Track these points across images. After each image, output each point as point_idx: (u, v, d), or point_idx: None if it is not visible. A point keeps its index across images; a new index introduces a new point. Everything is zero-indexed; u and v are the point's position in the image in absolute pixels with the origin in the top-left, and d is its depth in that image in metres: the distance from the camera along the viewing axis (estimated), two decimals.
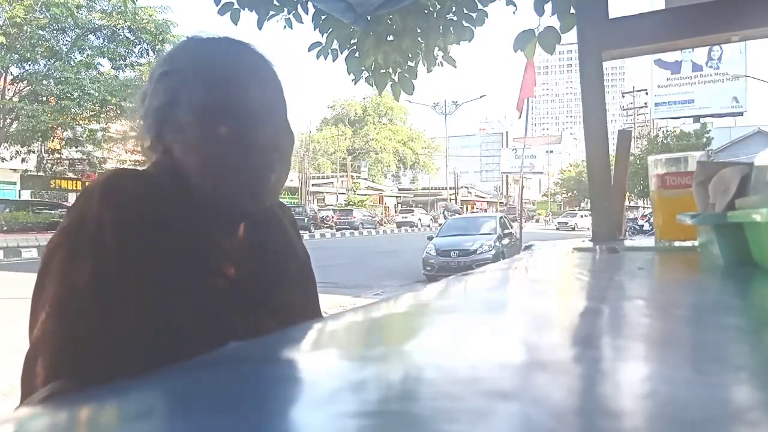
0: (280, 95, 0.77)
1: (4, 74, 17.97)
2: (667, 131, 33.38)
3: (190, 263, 0.68)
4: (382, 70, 3.18)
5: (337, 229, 31.22)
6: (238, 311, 0.71)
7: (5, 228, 17.33)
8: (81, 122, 18.62)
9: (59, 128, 18.51)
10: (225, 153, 0.71)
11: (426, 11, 3.02)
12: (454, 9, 3.01)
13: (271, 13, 2.96)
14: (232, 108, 0.71)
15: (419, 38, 3.08)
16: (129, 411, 0.24)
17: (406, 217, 37.28)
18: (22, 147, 18.56)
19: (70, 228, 0.66)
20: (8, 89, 18.30)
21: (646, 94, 39.18)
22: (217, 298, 0.70)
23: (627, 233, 1.73)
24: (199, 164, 0.72)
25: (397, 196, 54.43)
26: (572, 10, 2.40)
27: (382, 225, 37.01)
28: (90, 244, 0.63)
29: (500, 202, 55.23)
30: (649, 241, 1.35)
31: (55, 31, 17.94)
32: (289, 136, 0.78)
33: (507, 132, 78.44)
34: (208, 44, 0.77)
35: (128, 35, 18.73)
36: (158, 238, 0.66)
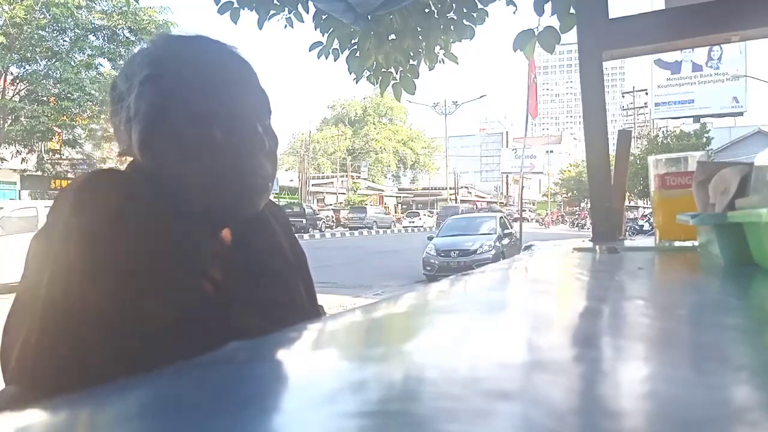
0: (262, 97, 0.79)
1: (4, 74, 17.94)
2: (667, 131, 33.29)
3: (170, 265, 0.67)
4: (383, 70, 3.18)
5: (350, 228, 31.21)
6: (220, 311, 0.70)
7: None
8: (81, 122, 18.59)
9: (59, 128, 18.48)
10: (220, 157, 0.72)
11: (426, 10, 3.02)
12: (454, 8, 3.01)
13: (272, 12, 2.96)
14: (225, 112, 0.73)
15: (420, 37, 3.07)
16: (129, 411, 0.24)
17: (413, 221, 38.41)
18: (23, 147, 18.52)
19: (41, 234, 0.67)
20: (8, 89, 18.28)
21: (646, 94, 39.12)
22: (198, 299, 0.69)
23: (627, 233, 1.73)
24: (194, 169, 0.72)
25: (397, 196, 54.42)
26: (572, 10, 2.40)
27: (398, 223, 37.88)
28: (53, 254, 0.63)
29: (500, 202, 55.24)
30: (649, 241, 1.35)
31: (55, 32, 17.90)
32: (274, 137, 0.80)
33: (507, 132, 78.52)
34: (189, 45, 0.78)
35: (128, 36, 18.70)
36: (132, 241, 0.65)
